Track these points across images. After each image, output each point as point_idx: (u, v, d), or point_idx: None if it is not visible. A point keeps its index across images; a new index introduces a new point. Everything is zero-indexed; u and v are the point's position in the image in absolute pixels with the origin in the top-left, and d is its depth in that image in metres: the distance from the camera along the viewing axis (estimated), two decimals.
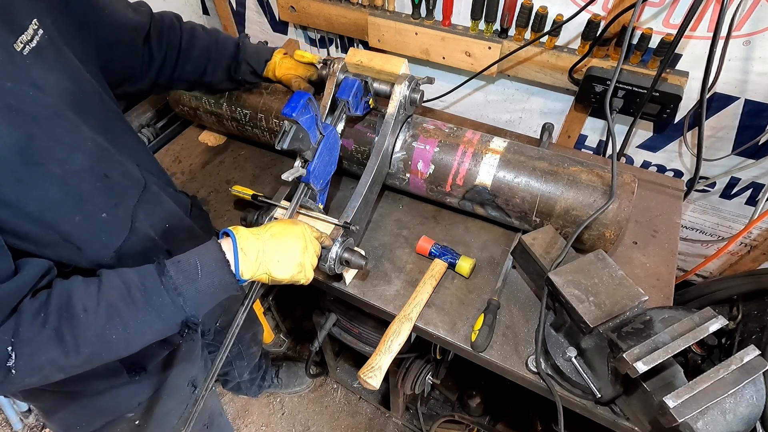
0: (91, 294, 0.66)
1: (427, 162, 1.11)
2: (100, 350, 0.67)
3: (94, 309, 0.65)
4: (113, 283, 0.68)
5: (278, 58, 1.15)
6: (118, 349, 0.69)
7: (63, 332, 0.62)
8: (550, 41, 1.25)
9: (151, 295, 0.68)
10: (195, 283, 0.71)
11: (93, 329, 0.64)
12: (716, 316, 0.75)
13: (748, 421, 0.74)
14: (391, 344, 0.98)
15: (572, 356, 0.86)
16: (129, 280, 0.68)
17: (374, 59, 1.10)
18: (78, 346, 0.64)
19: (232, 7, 1.74)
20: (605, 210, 0.97)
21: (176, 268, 0.71)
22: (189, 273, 0.71)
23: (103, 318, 0.65)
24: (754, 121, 1.17)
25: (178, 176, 1.38)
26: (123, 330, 0.66)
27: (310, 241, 0.86)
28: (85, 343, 0.64)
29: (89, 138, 0.73)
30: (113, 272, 0.69)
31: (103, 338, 0.65)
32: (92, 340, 0.65)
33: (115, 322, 0.66)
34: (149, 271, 0.70)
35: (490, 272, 1.12)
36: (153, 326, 0.69)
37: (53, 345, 0.62)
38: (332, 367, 1.97)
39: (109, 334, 0.66)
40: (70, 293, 0.65)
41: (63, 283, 0.66)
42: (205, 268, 0.72)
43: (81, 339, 0.64)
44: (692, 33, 1.10)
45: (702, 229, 1.51)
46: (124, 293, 0.67)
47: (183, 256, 0.73)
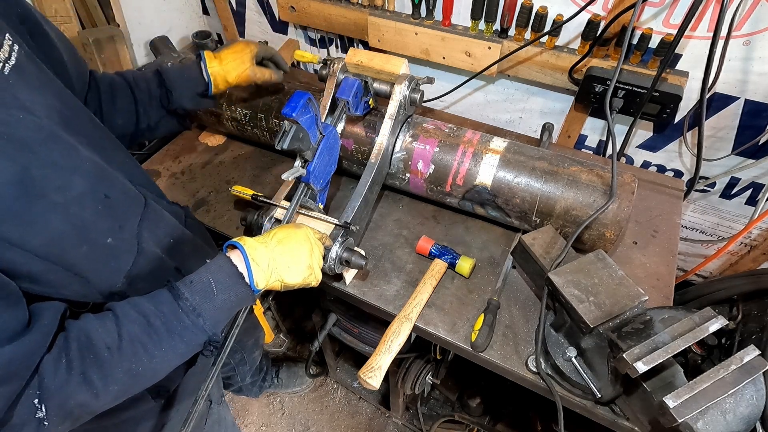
0: (110, 331, 0.63)
1: (427, 162, 1.11)
2: (129, 385, 0.65)
3: (117, 346, 0.63)
4: (130, 316, 0.65)
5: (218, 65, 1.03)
6: (146, 380, 0.68)
7: (90, 375, 0.60)
8: (550, 41, 1.25)
9: (171, 321, 0.67)
10: (212, 301, 0.70)
11: (120, 366, 0.63)
12: (716, 316, 0.75)
13: (748, 421, 0.74)
14: (391, 344, 0.98)
15: (572, 356, 0.86)
16: (146, 311, 0.66)
17: (374, 59, 1.10)
18: (107, 386, 0.62)
19: (232, 7, 1.74)
20: (605, 210, 0.97)
21: (190, 289, 0.69)
22: (204, 292, 0.70)
23: (129, 353, 0.63)
24: (754, 121, 1.17)
25: (178, 176, 1.38)
26: (149, 361, 0.65)
27: (315, 243, 0.86)
28: (114, 382, 0.63)
29: (86, 158, 0.67)
30: (126, 304, 0.67)
31: (130, 373, 0.64)
32: (120, 377, 0.63)
33: (140, 355, 0.64)
34: (164, 297, 0.69)
35: (490, 272, 1.12)
36: (177, 351, 0.68)
37: (82, 390, 0.60)
38: (332, 367, 1.97)
39: (135, 368, 0.64)
40: (88, 334, 0.62)
41: (77, 324, 0.63)
42: (219, 284, 0.71)
43: (109, 378, 0.62)
44: (692, 33, 1.11)
45: (702, 229, 1.51)
46: (144, 324, 0.65)
47: (194, 275, 0.72)
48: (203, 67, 1.02)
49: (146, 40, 1.63)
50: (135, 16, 1.57)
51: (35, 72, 0.65)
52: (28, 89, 0.62)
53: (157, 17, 1.66)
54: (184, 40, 1.79)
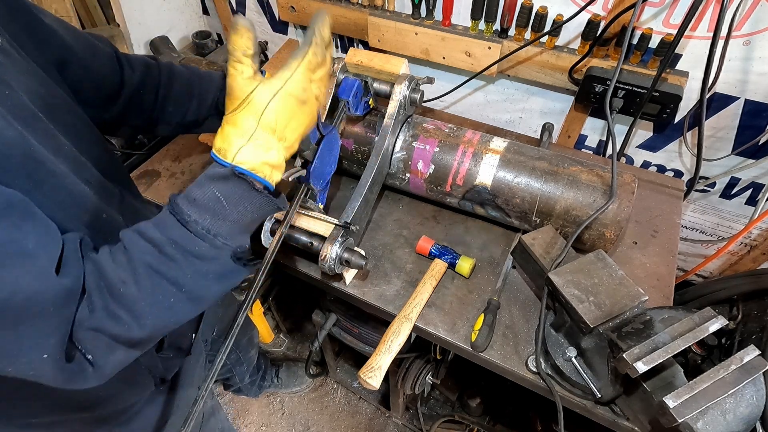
0: (122, 264, 0.60)
1: (427, 162, 1.11)
2: (164, 316, 0.62)
3: (132, 279, 0.59)
4: (140, 246, 0.61)
5: None
6: (185, 310, 0.64)
7: (113, 310, 0.58)
8: (550, 41, 1.25)
9: (185, 246, 0.61)
10: (226, 217, 0.64)
11: (143, 299, 0.59)
12: (716, 316, 0.75)
13: (748, 421, 0.74)
14: (391, 344, 0.98)
15: (572, 356, 0.86)
16: (155, 239, 0.61)
17: (374, 59, 1.10)
18: (137, 319, 0.59)
19: (232, 7, 1.74)
20: (605, 210, 0.97)
21: (197, 209, 0.63)
22: (214, 210, 0.63)
23: (148, 285, 0.59)
24: (754, 121, 1.17)
25: (178, 176, 1.38)
26: (178, 290, 0.61)
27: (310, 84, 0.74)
28: (142, 315, 0.59)
29: (64, 144, 0.67)
30: (133, 232, 0.63)
31: (160, 305, 0.60)
32: (148, 310, 0.59)
33: (163, 286, 0.60)
34: (169, 222, 0.62)
35: (490, 272, 1.12)
36: (209, 274, 0.63)
37: (110, 323, 0.58)
38: (332, 367, 1.97)
39: (164, 299, 0.60)
40: (101, 269, 0.59)
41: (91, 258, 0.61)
42: (229, 199, 0.64)
43: (136, 312, 0.59)
44: (692, 33, 1.11)
45: (702, 229, 1.51)
46: (156, 254, 0.60)
47: (197, 190, 0.64)
48: None
49: (146, 40, 1.63)
50: (135, 16, 1.57)
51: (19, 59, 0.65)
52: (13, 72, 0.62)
53: (157, 17, 1.66)
54: (184, 40, 1.79)
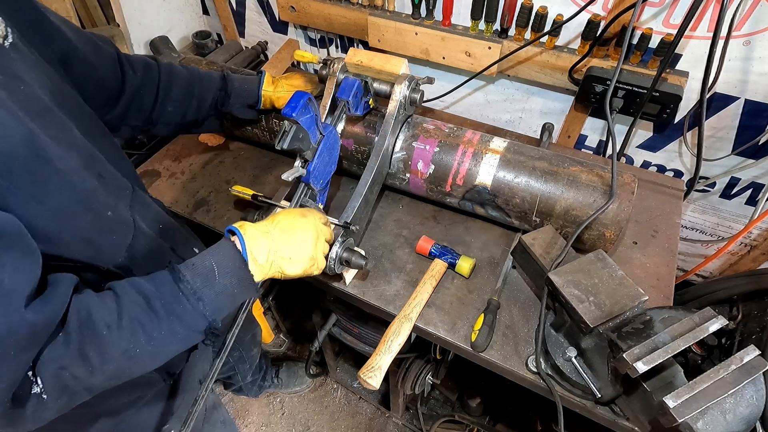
0: (111, 309, 0.63)
1: (427, 162, 1.11)
2: (126, 366, 0.64)
3: (117, 325, 0.62)
4: (131, 296, 0.65)
5: (272, 89, 1.12)
6: (144, 363, 0.67)
7: (86, 351, 0.60)
8: (550, 41, 1.25)
9: (171, 303, 0.66)
10: (213, 286, 0.69)
11: (118, 346, 0.62)
12: (716, 316, 0.75)
13: (748, 421, 0.74)
14: (391, 344, 0.98)
15: (572, 356, 0.86)
16: (147, 292, 0.65)
17: (374, 59, 1.10)
18: (103, 363, 0.61)
19: (232, 7, 1.74)
20: (605, 210, 0.97)
21: (192, 272, 0.68)
22: (206, 276, 0.69)
23: (128, 333, 0.62)
24: (754, 121, 1.17)
25: (178, 176, 1.38)
26: (147, 343, 0.64)
27: (321, 232, 0.84)
28: (111, 360, 0.62)
29: (78, 137, 0.69)
30: (126, 284, 0.66)
31: (128, 354, 0.63)
32: (117, 357, 0.62)
33: (138, 336, 0.63)
34: (165, 278, 0.67)
35: (490, 272, 1.12)
36: (177, 335, 0.67)
37: (78, 364, 0.59)
38: (332, 367, 1.97)
39: (134, 349, 0.63)
40: (89, 310, 0.61)
41: (79, 298, 0.63)
42: (221, 269, 0.70)
43: (106, 356, 0.61)
44: (692, 33, 1.11)
45: (702, 229, 1.51)
46: (144, 305, 0.64)
47: (197, 258, 0.71)
48: (260, 87, 1.12)
49: (146, 40, 1.63)
50: (135, 16, 1.57)
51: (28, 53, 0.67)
52: (25, 66, 0.64)
53: (157, 17, 1.66)
54: (184, 40, 1.79)
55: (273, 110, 1.18)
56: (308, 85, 1.17)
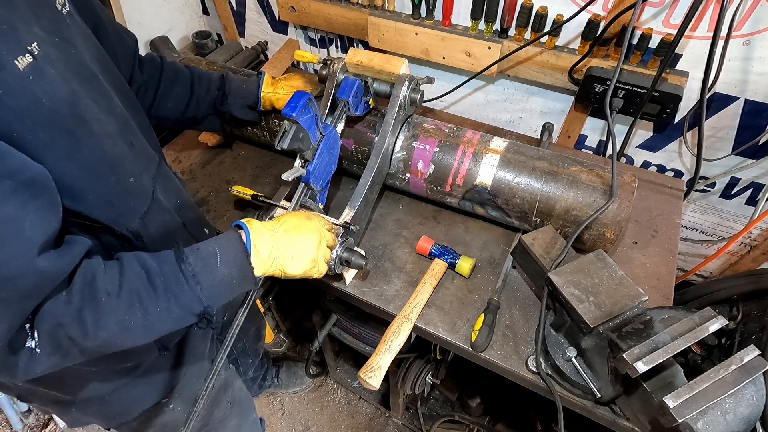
0: (113, 278, 0.65)
1: (427, 162, 1.11)
2: (118, 336, 0.65)
3: (116, 293, 0.64)
4: (134, 269, 0.66)
5: (272, 90, 1.13)
6: (136, 336, 0.68)
7: (84, 313, 0.61)
8: (550, 41, 1.25)
9: (170, 281, 0.67)
10: (213, 272, 0.70)
11: (114, 314, 0.63)
12: (716, 316, 0.75)
13: (748, 421, 0.74)
14: (391, 344, 0.98)
15: (572, 356, 0.86)
16: (149, 267, 0.67)
17: (374, 59, 1.10)
18: (97, 329, 0.62)
19: (232, 7, 1.74)
20: (605, 210, 0.97)
21: (195, 255, 0.70)
22: (208, 261, 0.70)
23: (125, 303, 0.64)
24: (754, 121, 1.17)
25: (178, 176, 1.38)
26: (143, 317, 0.65)
27: (324, 236, 0.86)
28: (105, 327, 0.63)
29: (117, 106, 0.74)
30: (132, 256, 0.68)
31: (122, 324, 0.64)
32: (111, 325, 0.63)
33: (135, 308, 0.65)
34: (168, 257, 0.69)
35: (490, 272, 1.12)
36: (171, 314, 0.68)
37: (74, 325, 0.61)
38: (332, 367, 1.97)
39: (128, 320, 0.64)
40: (94, 274, 0.63)
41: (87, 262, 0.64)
42: (224, 257, 0.71)
43: (102, 322, 0.62)
44: (692, 33, 1.11)
45: (702, 229, 1.51)
46: (144, 279, 0.66)
47: (202, 243, 0.73)
48: (259, 88, 1.13)
49: (146, 40, 1.63)
50: (135, 16, 1.57)
51: (80, 23, 0.72)
52: (77, 32, 0.69)
53: (157, 17, 1.66)
54: (184, 40, 1.79)
55: (273, 111, 1.19)
56: (308, 85, 1.17)
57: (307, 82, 1.18)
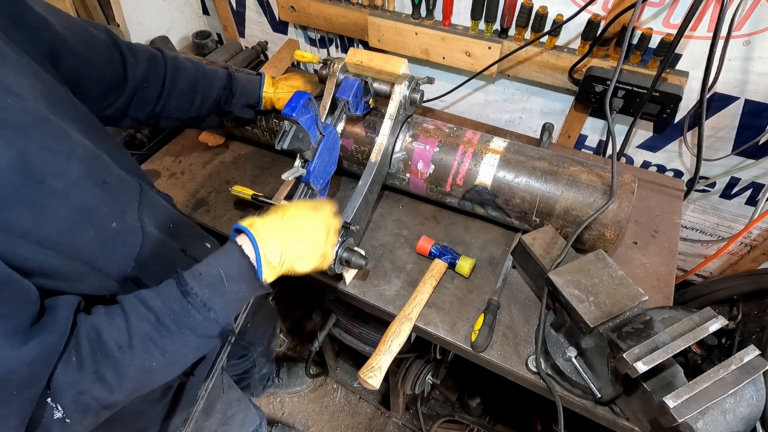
0: (120, 329, 0.62)
1: (427, 162, 1.11)
2: (144, 381, 0.64)
3: (128, 344, 0.61)
4: (139, 313, 0.64)
5: (273, 90, 1.13)
6: (162, 375, 0.67)
7: (103, 373, 0.60)
8: (550, 41, 1.25)
9: (180, 317, 0.65)
10: (223, 294, 0.68)
11: (132, 364, 0.62)
12: (716, 316, 0.75)
13: (748, 421, 0.74)
14: (391, 344, 0.98)
15: (572, 356, 0.86)
16: (155, 308, 0.64)
17: (374, 59, 1.10)
18: (121, 383, 0.61)
19: (232, 7, 1.74)
20: (605, 210, 0.97)
21: (199, 282, 0.67)
22: (214, 286, 0.67)
23: (140, 351, 0.62)
24: (754, 121, 1.17)
25: (178, 176, 1.38)
26: (162, 357, 0.64)
27: (331, 225, 0.82)
28: (128, 379, 0.62)
29: (79, 142, 0.65)
30: (134, 300, 0.65)
31: (144, 370, 0.63)
32: (134, 374, 0.62)
33: (152, 352, 0.63)
34: (172, 293, 0.66)
35: (490, 272, 1.12)
36: (191, 345, 0.67)
37: (96, 386, 0.59)
38: (332, 367, 1.97)
39: (149, 364, 0.63)
40: (98, 331, 0.61)
41: (88, 320, 0.62)
42: (230, 278, 0.69)
43: (123, 375, 0.61)
44: (692, 33, 1.10)
45: (702, 229, 1.51)
46: (153, 322, 0.64)
47: (204, 267, 0.69)
48: (261, 88, 1.13)
49: (146, 40, 1.63)
50: (135, 16, 1.57)
51: (15, 57, 0.62)
52: (12, 73, 0.59)
53: (157, 17, 1.66)
54: (184, 40, 1.79)
55: (273, 111, 1.18)
56: (308, 85, 1.17)
57: (307, 82, 1.18)
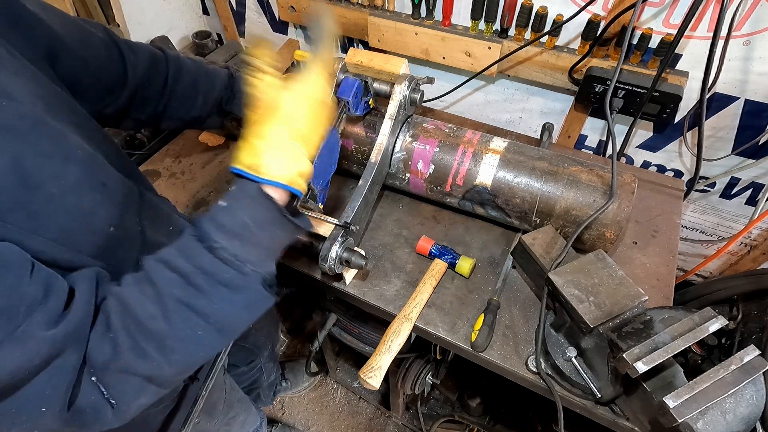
0: (150, 297, 0.58)
1: (427, 162, 1.11)
2: (192, 351, 0.60)
3: (161, 314, 0.57)
4: (167, 277, 0.59)
5: None
6: (212, 343, 0.61)
7: (142, 347, 0.56)
8: (550, 41, 1.25)
9: (214, 275, 0.59)
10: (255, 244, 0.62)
11: (173, 334, 0.57)
12: (716, 316, 0.75)
13: (748, 421, 0.74)
14: (391, 344, 0.98)
15: (572, 356, 0.86)
16: (182, 269, 0.59)
17: (374, 59, 1.10)
18: (165, 356, 0.57)
19: (232, 7, 1.74)
20: (605, 210, 0.97)
21: (224, 234, 0.60)
22: (243, 236, 0.61)
23: (178, 319, 0.57)
24: (754, 121, 1.17)
25: (178, 176, 1.38)
26: (205, 322, 0.59)
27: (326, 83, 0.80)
28: (172, 351, 0.57)
29: (76, 145, 0.62)
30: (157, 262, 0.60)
31: (188, 339, 0.58)
32: (178, 346, 0.58)
33: (191, 319, 0.58)
34: (196, 250, 0.60)
35: (490, 272, 1.12)
36: (237, 304, 0.61)
37: (139, 363, 0.56)
38: (332, 367, 1.97)
39: (192, 333, 0.58)
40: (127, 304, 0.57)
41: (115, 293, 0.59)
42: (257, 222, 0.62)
43: (166, 348, 0.57)
44: (692, 33, 1.10)
45: (702, 229, 1.51)
46: (184, 286, 0.58)
47: (223, 215, 0.62)
48: None
49: (146, 40, 1.63)
50: (135, 16, 1.57)
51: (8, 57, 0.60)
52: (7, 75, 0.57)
53: (157, 17, 1.66)
54: (184, 40, 1.79)
55: None
56: None
57: None
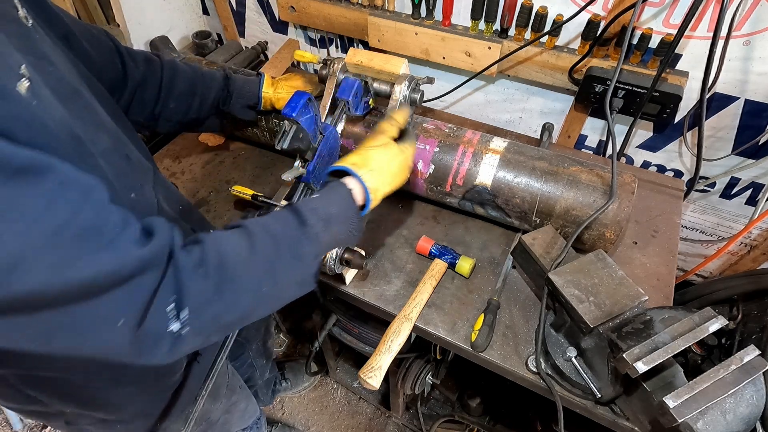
0: (244, 246, 0.63)
1: (427, 162, 1.11)
2: (255, 306, 0.65)
3: (251, 261, 0.62)
4: (262, 236, 0.65)
5: (272, 91, 1.13)
6: (268, 305, 0.68)
7: (223, 287, 0.60)
8: (550, 41, 1.25)
9: (296, 247, 0.66)
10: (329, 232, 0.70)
11: (250, 285, 0.62)
12: (716, 316, 0.75)
13: (748, 421, 0.74)
14: (391, 344, 0.98)
15: (572, 356, 0.86)
16: (276, 232, 0.66)
17: (374, 59, 1.10)
18: (237, 302, 0.61)
19: (232, 7, 1.74)
20: (605, 210, 0.97)
21: (315, 216, 0.69)
22: (326, 221, 0.69)
23: (260, 271, 0.63)
24: (754, 121, 1.17)
25: (178, 176, 1.38)
26: (274, 285, 0.65)
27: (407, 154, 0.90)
28: (243, 299, 0.62)
29: (105, 119, 0.69)
30: (256, 223, 0.66)
31: (258, 294, 0.63)
32: (248, 296, 0.63)
33: (268, 276, 0.64)
34: (291, 221, 0.68)
35: (490, 272, 1.12)
36: (296, 277, 0.68)
37: (216, 300, 0.59)
38: (332, 367, 1.97)
39: (261, 288, 0.64)
40: (223, 247, 0.61)
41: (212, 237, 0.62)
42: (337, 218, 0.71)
43: (240, 294, 0.61)
44: (692, 33, 1.11)
45: (702, 229, 1.51)
46: (275, 249, 0.65)
47: (316, 201, 0.72)
48: (260, 88, 1.13)
49: (146, 40, 1.63)
50: (135, 16, 1.57)
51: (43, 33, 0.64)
52: (49, 45, 0.62)
53: (157, 17, 1.66)
54: (184, 40, 1.79)
55: (273, 111, 1.19)
56: (308, 85, 1.17)
57: (307, 82, 1.18)
